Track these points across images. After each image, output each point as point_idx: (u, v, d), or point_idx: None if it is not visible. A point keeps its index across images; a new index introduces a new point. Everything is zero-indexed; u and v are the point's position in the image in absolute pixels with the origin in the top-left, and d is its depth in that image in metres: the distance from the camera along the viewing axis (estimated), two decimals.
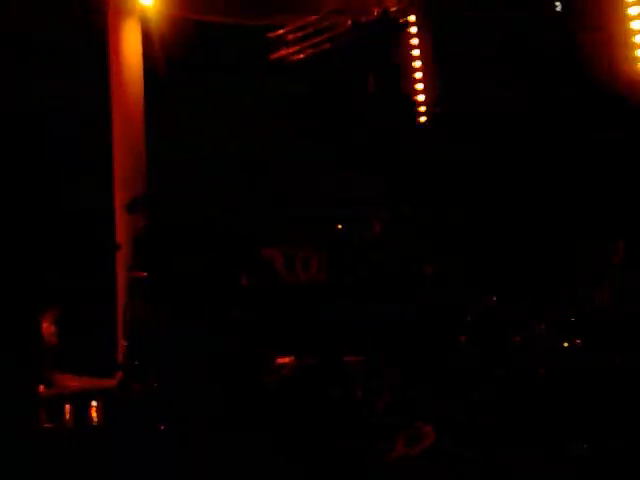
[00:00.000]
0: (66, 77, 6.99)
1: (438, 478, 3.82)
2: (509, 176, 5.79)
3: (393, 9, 6.72)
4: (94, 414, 5.96)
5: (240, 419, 2.95)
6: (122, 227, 6.83)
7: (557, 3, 5.28)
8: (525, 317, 3.98)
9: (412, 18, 6.71)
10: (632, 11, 4.85)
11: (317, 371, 1.62)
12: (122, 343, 6.11)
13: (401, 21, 6.71)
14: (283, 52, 7.80)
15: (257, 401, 2.95)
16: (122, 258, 6.71)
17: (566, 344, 3.69)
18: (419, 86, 6.57)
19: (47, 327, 6.29)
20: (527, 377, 3.75)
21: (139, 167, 7.13)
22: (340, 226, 5.96)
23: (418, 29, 6.47)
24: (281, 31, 7.73)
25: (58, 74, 7.02)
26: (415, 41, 6.71)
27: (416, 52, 6.73)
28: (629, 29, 4.80)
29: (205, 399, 2.90)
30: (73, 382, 6.38)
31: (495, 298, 4.36)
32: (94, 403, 5.97)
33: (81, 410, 5.89)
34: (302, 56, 7.69)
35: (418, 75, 6.53)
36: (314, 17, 7.42)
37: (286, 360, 5.80)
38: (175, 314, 3.34)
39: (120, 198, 6.96)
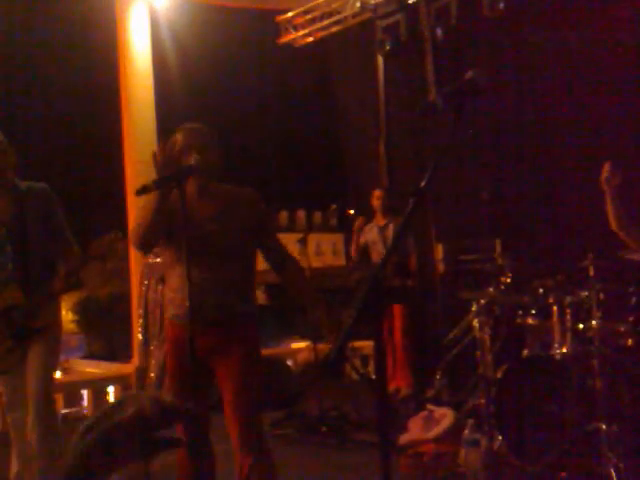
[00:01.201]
0: (75, 63, 6.99)
1: (450, 462, 3.84)
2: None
3: None
4: (111, 400, 6.02)
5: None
6: (134, 213, 6.88)
7: None
8: (539, 298, 3.95)
9: None
10: None
11: (333, 356, 1.62)
12: (138, 329, 6.16)
13: (410, 2, 6.63)
14: (292, 35, 7.76)
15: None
16: None
17: (581, 326, 3.67)
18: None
19: (64, 314, 6.33)
20: (543, 362, 3.74)
21: (149, 153, 7.15)
22: (352, 211, 5.95)
23: (428, 9, 6.39)
24: (290, 14, 7.68)
25: (67, 61, 7.02)
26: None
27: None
28: None
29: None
30: (90, 368, 6.45)
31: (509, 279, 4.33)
32: (111, 389, 6.04)
33: (99, 396, 5.96)
34: (311, 39, 7.64)
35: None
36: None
37: (302, 345, 5.85)
38: None
39: (131, 184, 7.00)
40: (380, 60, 7.12)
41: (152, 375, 5.78)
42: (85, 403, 5.94)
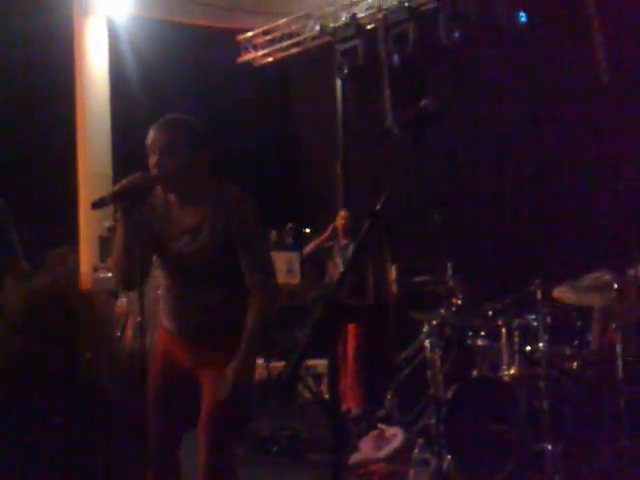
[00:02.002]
0: (30, 76, 6.90)
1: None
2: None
3: (361, 15, 6.77)
4: None
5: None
6: (86, 226, 6.80)
7: None
8: (488, 320, 4.04)
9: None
10: None
11: (286, 376, 1.64)
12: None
13: (368, 27, 6.76)
14: (251, 55, 7.82)
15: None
16: (87, 258, 6.66)
17: (529, 348, 3.77)
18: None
19: None
20: (491, 383, 3.82)
21: (104, 166, 7.10)
22: (308, 230, 5.99)
23: (386, 35, 6.52)
24: (249, 34, 7.74)
25: (21, 73, 6.92)
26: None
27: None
28: None
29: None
30: None
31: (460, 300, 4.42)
32: None
33: None
34: (270, 59, 7.72)
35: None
36: (282, 21, 7.45)
37: None
38: None
39: (84, 197, 6.92)
40: (338, 83, 7.24)
41: None
42: None
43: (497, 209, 5.61)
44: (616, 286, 3.56)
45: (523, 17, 5.30)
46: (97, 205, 2.49)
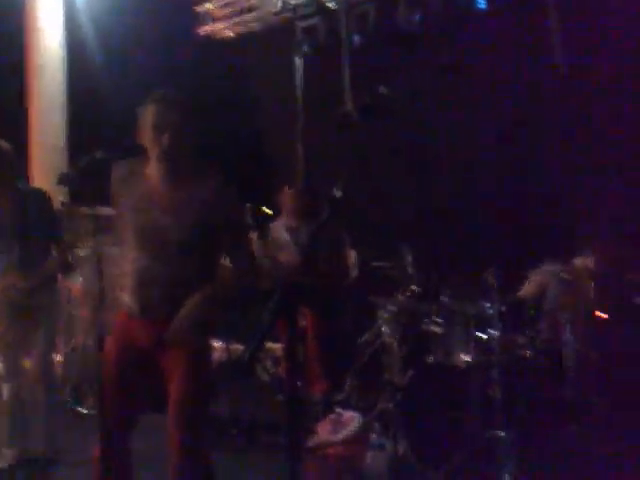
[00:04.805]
0: None
1: (357, 465, 3.96)
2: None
3: None
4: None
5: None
6: None
7: None
8: (444, 307, 4.11)
9: None
10: None
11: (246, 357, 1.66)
12: None
13: (330, 5, 6.68)
14: (210, 27, 7.65)
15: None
16: None
17: (483, 336, 3.85)
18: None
19: None
20: (446, 369, 3.91)
21: (58, 144, 6.92)
22: (267, 210, 5.94)
23: (347, 15, 6.45)
24: (208, 5, 7.57)
25: None
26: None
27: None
28: None
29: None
30: None
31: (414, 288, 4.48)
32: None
33: None
34: (230, 33, 7.57)
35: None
36: None
37: (215, 346, 5.81)
38: None
39: (37, 171, 6.75)
40: (299, 61, 7.14)
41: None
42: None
43: (455, 198, 5.68)
44: (565, 276, 3.67)
45: (482, 3, 5.32)
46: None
